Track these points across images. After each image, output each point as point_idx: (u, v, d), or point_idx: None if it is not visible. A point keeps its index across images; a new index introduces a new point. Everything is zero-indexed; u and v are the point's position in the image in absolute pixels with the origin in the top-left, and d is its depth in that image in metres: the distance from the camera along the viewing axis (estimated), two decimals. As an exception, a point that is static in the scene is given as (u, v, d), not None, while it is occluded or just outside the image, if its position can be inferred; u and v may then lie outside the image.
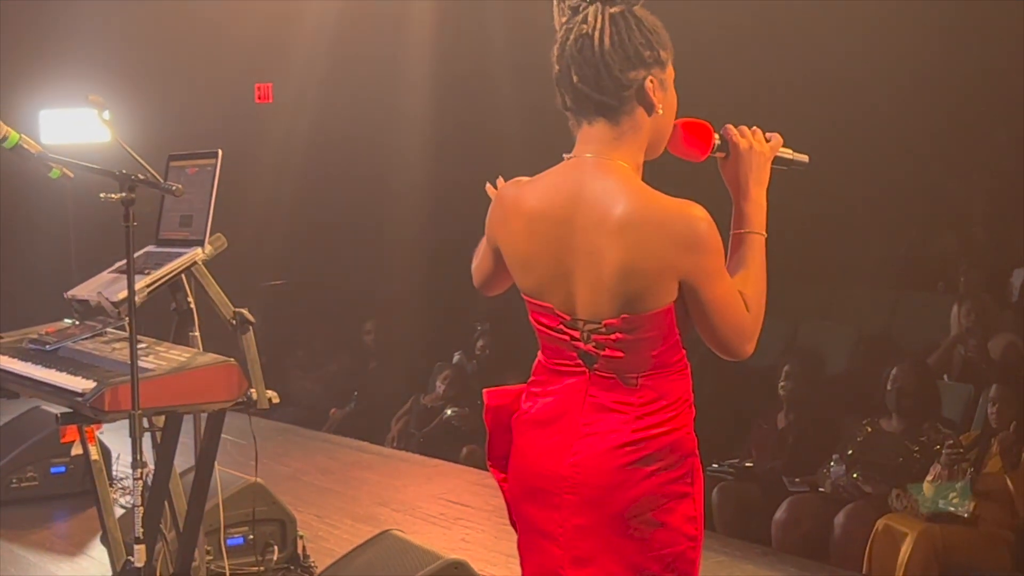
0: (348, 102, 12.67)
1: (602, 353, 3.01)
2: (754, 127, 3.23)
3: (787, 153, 3.28)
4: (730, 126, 3.20)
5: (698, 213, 2.88)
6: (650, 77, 2.99)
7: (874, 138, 10.34)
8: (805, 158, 3.31)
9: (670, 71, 3.06)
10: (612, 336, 2.98)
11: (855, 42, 10.22)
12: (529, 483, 3.17)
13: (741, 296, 3.00)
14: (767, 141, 3.22)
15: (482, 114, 12.21)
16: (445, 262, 11.84)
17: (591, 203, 2.96)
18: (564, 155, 3.09)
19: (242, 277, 11.74)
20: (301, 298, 13.48)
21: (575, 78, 3.00)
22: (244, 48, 11.93)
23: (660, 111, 3.03)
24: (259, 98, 12.10)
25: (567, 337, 3.06)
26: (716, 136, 3.19)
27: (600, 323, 2.98)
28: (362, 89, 12.65)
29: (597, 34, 2.97)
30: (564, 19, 3.05)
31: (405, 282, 12.55)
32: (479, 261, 3.41)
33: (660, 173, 3.27)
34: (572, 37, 3.00)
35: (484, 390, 3.33)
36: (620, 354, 2.99)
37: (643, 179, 3.02)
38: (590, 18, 2.99)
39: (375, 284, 12.89)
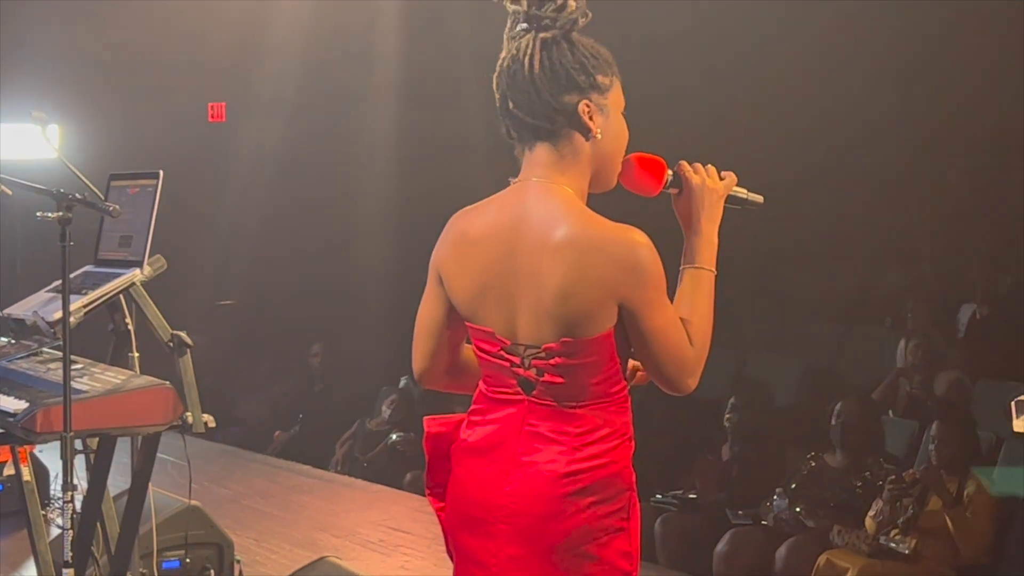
0: (302, 125, 12.62)
1: (541, 379, 2.99)
2: (709, 164, 3.23)
3: (741, 192, 3.28)
4: (684, 162, 3.21)
5: (639, 239, 2.89)
6: (584, 102, 2.99)
7: (825, 173, 10.38)
8: (760, 198, 3.32)
9: (614, 98, 3.07)
10: (552, 361, 2.96)
11: (809, 82, 10.26)
12: (465, 512, 3.15)
13: (685, 330, 2.99)
14: (721, 179, 3.22)
15: (442, 140, 12.18)
16: (394, 285, 11.82)
17: (533, 226, 2.95)
18: (510, 179, 3.09)
19: (191, 297, 11.69)
20: (250, 319, 13.41)
21: (511, 104, 3.02)
22: (201, 66, 11.87)
23: (598, 136, 3.02)
24: (212, 117, 12.03)
25: (507, 363, 3.04)
26: (669, 171, 3.19)
27: (540, 347, 2.97)
28: (318, 113, 12.60)
29: (527, 59, 2.98)
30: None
31: (353, 305, 12.51)
32: (423, 314, 3.27)
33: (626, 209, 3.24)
34: (506, 63, 3.02)
35: (424, 418, 3.30)
36: (559, 380, 2.97)
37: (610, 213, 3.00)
38: (523, 44, 3.00)
39: (323, 306, 12.83)
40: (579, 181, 3.03)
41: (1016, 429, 2.75)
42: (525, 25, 3.02)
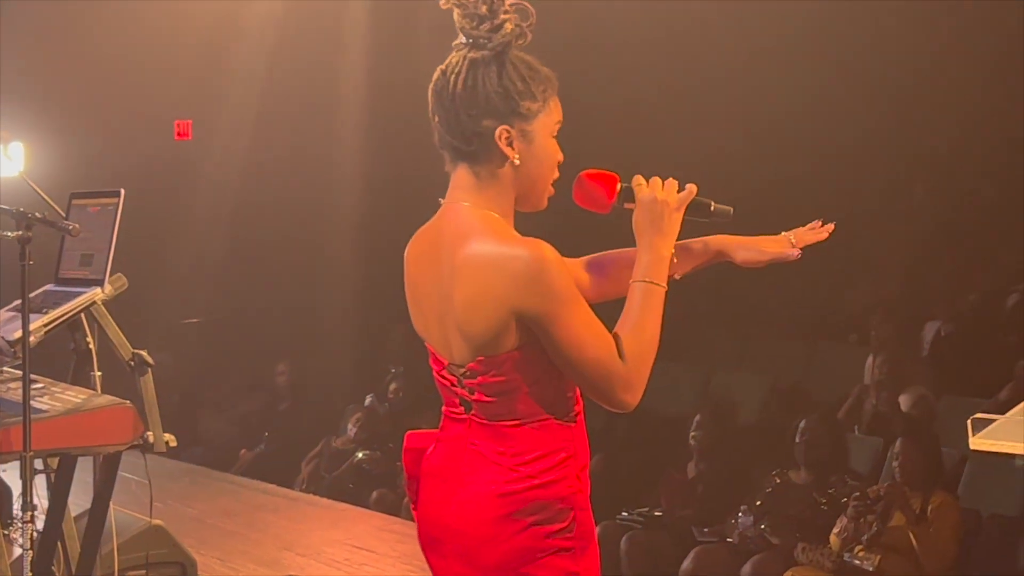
0: (267, 144, 12.61)
1: (473, 398, 3.00)
2: (669, 178, 3.15)
3: (707, 203, 3.20)
4: (638, 176, 3.15)
5: (538, 253, 2.84)
6: (503, 128, 2.96)
7: (789, 189, 10.41)
8: (729, 209, 3.23)
9: (543, 122, 3.02)
10: (477, 380, 2.96)
11: (778, 99, 10.31)
12: (425, 531, 3.17)
13: (616, 343, 2.92)
14: (680, 192, 3.15)
15: (410, 160, 12.15)
16: (360, 304, 11.81)
17: (447, 247, 2.96)
18: (440, 199, 3.09)
19: (156, 315, 11.66)
20: (215, 337, 13.37)
21: (436, 118, 3.02)
22: (167, 84, 11.84)
23: (516, 162, 2.99)
24: (178, 135, 11.99)
25: (448, 382, 3.06)
26: (620, 185, 3.15)
27: (466, 367, 2.97)
28: (283, 132, 12.59)
29: (452, 77, 2.97)
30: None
31: (318, 324, 12.49)
32: None
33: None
34: (437, 76, 3.01)
35: (407, 432, 3.29)
36: (488, 399, 2.97)
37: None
38: (453, 60, 3.00)
39: (288, 325, 12.82)
40: (499, 202, 3.02)
41: (973, 447, 2.75)
42: (462, 40, 3.01)
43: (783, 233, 3.46)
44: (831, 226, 3.45)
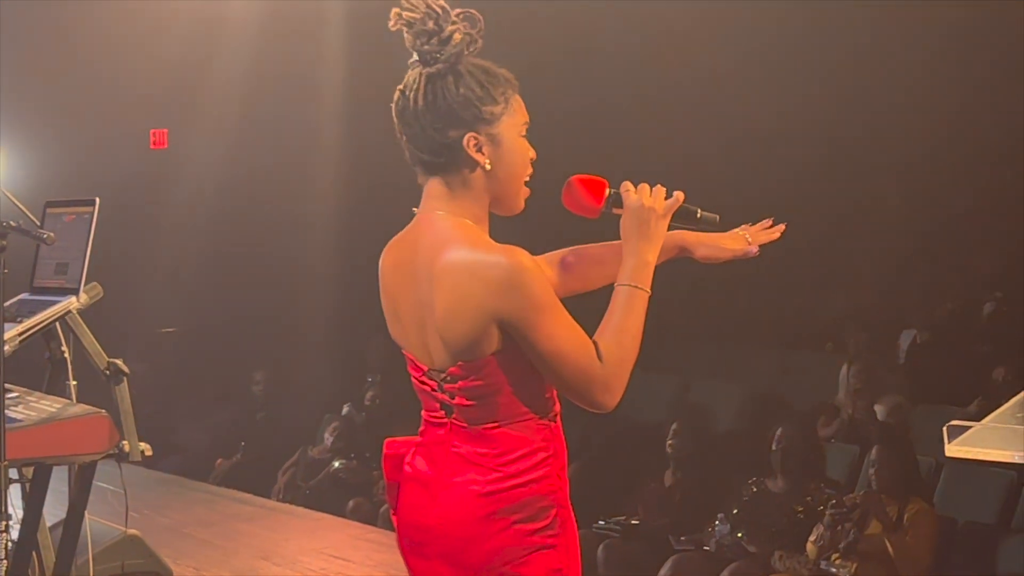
0: (244, 152, 12.57)
1: (454, 402, 3.04)
2: (657, 185, 3.21)
3: (693, 210, 3.26)
4: (626, 182, 3.21)
5: (514, 258, 2.91)
6: (470, 135, 3.02)
7: (767, 199, 10.41)
8: (715, 217, 3.31)
9: (508, 123, 3.07)
10: (457, 384, 3.01)
11: (753, 109, 10.33)
12: (407, 534, 3.20)
13: (595, 345, 2.98)
14: (667, 199, 3.21)
15: (386, 169, 12.13)
16: (336, 313, 11.80)
17: (425, 255, 3.02)
18: (414, 209, 3.14)
19: (133, 324, 11.62)
20: (192, 346, 13.33)
21: (403, 137, 3.09)
22: (143, 93, 11.81)
23: (487, 167, 3.05)
24: (154, 144, 11.96)
25: (428, 388, 3.11)
26: (609, 191, 3.20)
27: (446, 371, 3.02)
28: (260, 140, 12.55)
29: (411, 95, 3.04)
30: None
31: (295, 333, 12.47)
32: None
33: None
34: (397, 96, 3.08)
35: (387, 439, 3.32)
36: (469, 402, 3.02)
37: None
38: (410, 78, 3.06)
39: (265, 334, 12.79)
40: (473, 209, 3.07)
41: (948, 454, 2.77)
42: (416, 58, 3.06)
43: (738, 229, 3.55)
44: (782, 226, 3.55)
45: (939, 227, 10.84)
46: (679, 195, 3.22)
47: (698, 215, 3.28)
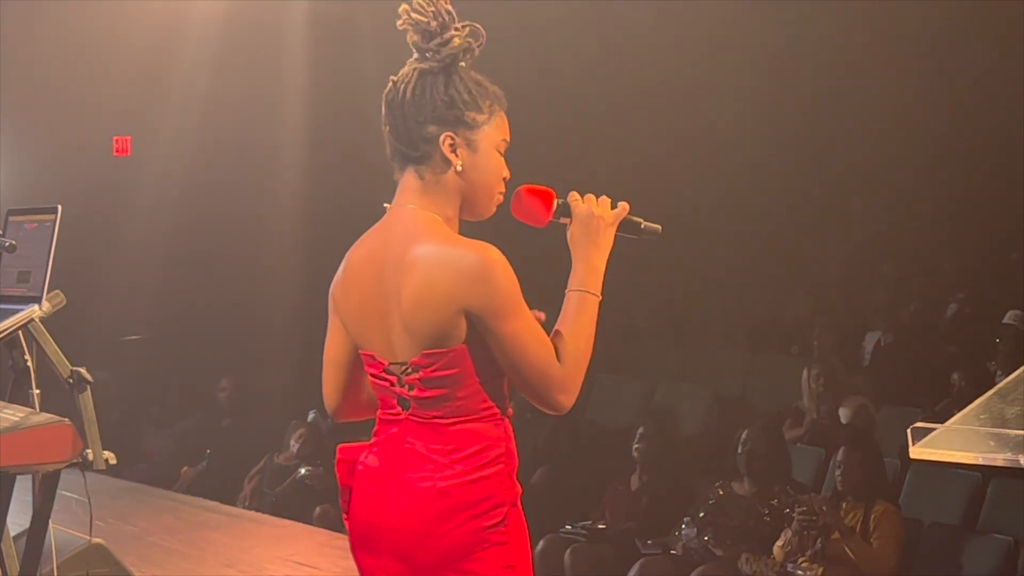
0: (207, 159, 12.56)
1: (412, 394, 3.09)
2: (602, 195, 3.31)
3: (637, 220, 3.34)
4: (573, 192, 3.30)
5: (485, 253, 3.00)
6: (448, 134, 3.11)
7: (732, 202, 10.48)
8: (657, 227, 3.38)
9: (488, 134, 3.16)
10: (418, 374, 3.06)
11: (715, 112, 10.36)
12: (359, 531, 3.24)
13: (554, 347, 3.06)
14: (613, 209, 3.29)
15: (350, 174, 12.14)
16: (301, 319, 11.76)
17: (395, 248, 3.08)
18: (385, 204, 3.21)
19: (97, 332, 11.57)
20: (156, 353, 13.28)
21: (387, 128, 3.17)
22: (106, 100, 11.76)
23: (458, 168, 3.12)
24: (117, 151, 11.91)
25: (387, 383, 3.14)
26: (558, 201, 3.28)
27: (408, 363, 3.06)
28: (223, 147, 12.54)
29: (402, 86, 3.14)
30: None
31: (260, 339, 12.45)
32: (328, 347, 3.38)
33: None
34: (388, 88, 3.17)
35: (339, 445, 3.35)
36: (427, 393, 3.06)
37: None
38: (404, 72, 3.16)
39: (230, 340, 12.75)
40: (444, 207, 3.15)
41: (913, 456, 2.79)
42: (416, 55, 3.15)
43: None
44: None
45: (902, 229, 10.90)
46: (625, 205, 3.32)
47: (641, 225, 3.36)
